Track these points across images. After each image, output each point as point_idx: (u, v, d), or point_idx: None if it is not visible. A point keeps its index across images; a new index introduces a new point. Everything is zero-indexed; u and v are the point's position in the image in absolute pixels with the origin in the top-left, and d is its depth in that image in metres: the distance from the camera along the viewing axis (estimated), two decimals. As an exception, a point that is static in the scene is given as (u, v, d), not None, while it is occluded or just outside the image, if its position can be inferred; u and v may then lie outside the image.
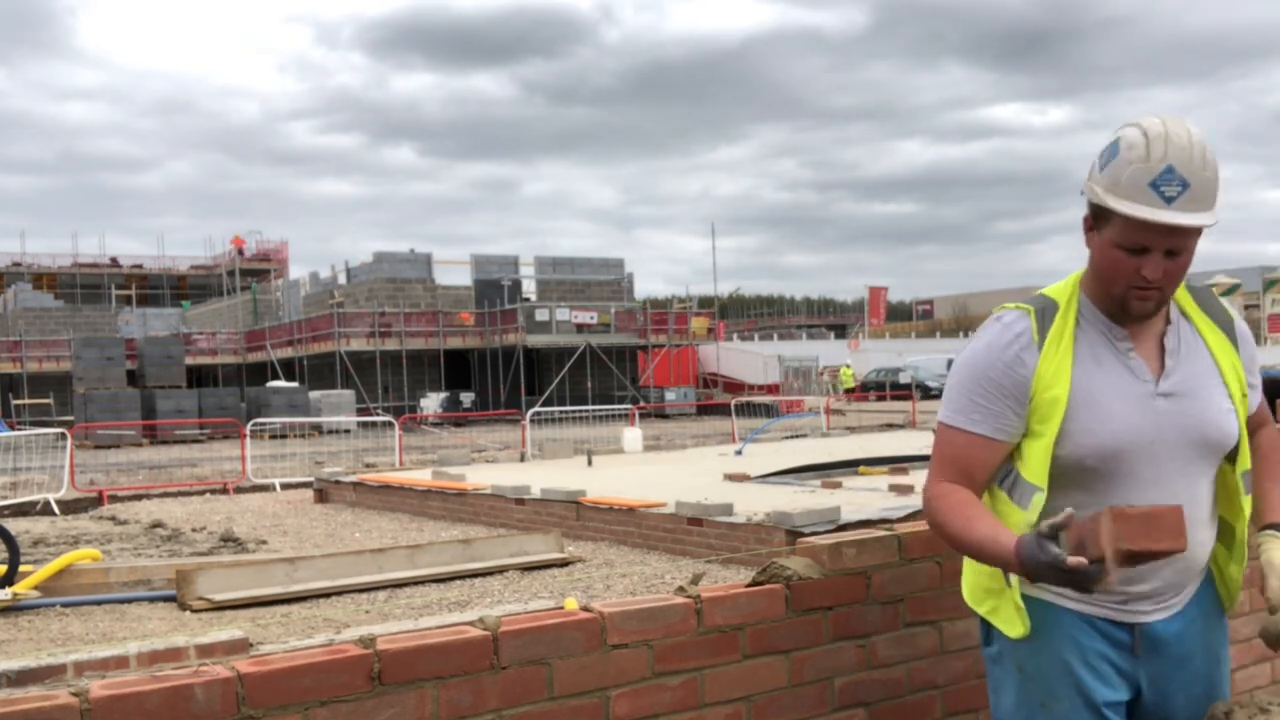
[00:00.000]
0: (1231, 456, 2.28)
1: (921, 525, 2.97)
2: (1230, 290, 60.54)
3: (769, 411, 29.99)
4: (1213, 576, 2.35)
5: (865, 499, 9.76)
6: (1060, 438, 2.17)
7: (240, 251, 69.84)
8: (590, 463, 15.50)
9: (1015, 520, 2.22)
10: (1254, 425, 2.39)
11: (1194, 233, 2.10)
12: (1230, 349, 2.29)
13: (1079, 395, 2.18)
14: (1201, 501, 2.23)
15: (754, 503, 9.74)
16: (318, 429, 30.04)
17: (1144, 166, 2.07)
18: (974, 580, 2.39)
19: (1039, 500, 2.20)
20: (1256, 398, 2.38)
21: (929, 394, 41.11)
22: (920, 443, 16.16)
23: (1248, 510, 2.32)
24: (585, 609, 2.41)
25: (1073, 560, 1.92)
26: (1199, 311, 2.29)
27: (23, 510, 14.30)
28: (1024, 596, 2.24)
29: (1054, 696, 2.23)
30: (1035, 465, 2.20)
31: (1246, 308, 61.93)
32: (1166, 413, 2.19)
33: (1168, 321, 2.26)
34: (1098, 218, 2.16)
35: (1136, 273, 2.12)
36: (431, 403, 40.53)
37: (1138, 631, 2.22)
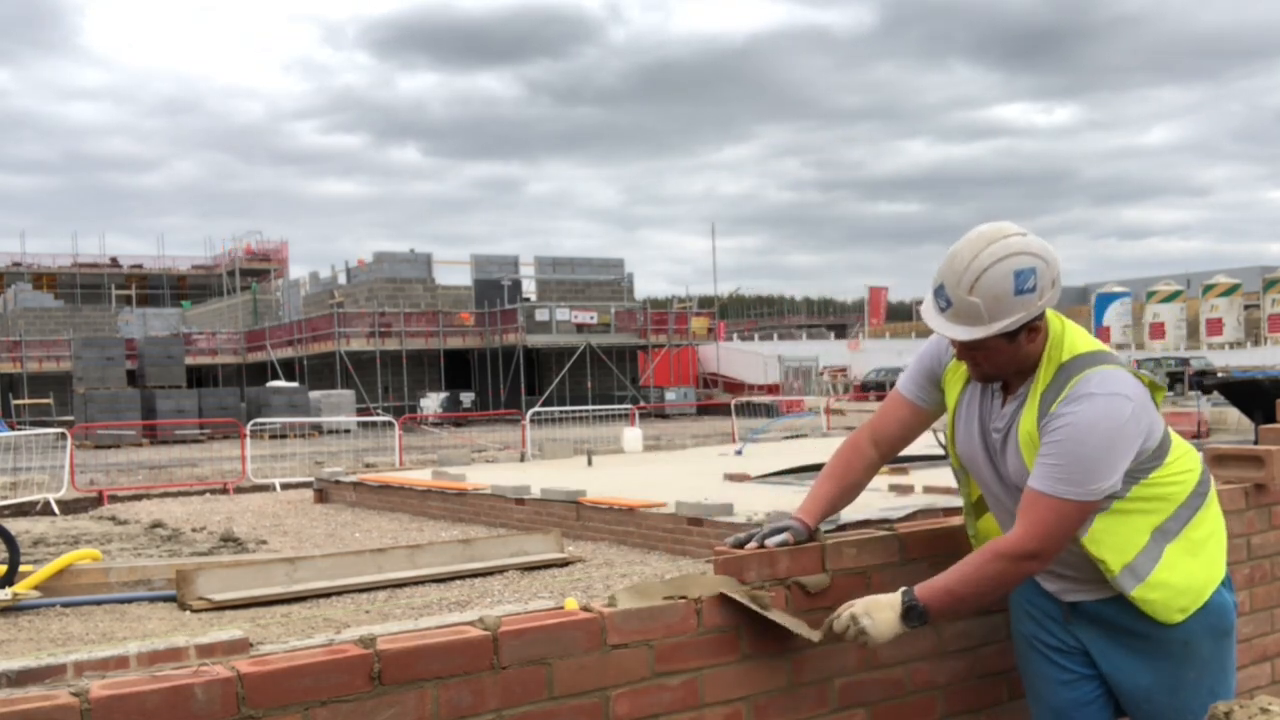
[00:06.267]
0: None
1: (921, 525, 2.97)
2: (1230, 290, 60.60)
3: (769, 411, 30.00)
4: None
5: (865, 499, 9.69)
6: (951, 436, 2.77)
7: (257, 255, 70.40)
8: (590, 463, 15.51)
9: (968, 492, 2.81)
10: (1020, 509, 2.50)
11: (976, 340, 2.47)
12: (1034, 429, 2.52)
13: (959, 409, 2.71)
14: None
15: (754, 503, 9.75)
16: (318, 429, 30.04)
17: (935, 276, 2.52)
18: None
19: (964, 478, 2.80)
20: (1034, 478, 2.48)
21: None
22: (920, 443, 16.13)
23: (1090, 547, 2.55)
24: (585, 609, 2.41)
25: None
26: (1039, 391, 2.53)
27: (23, 510, 14.30)
28: None
29: (1014, 644, 2.86)
30: (951, 453, 2.79)
31: (1246, 308, 61.89)
32: (992, 447, 2.64)
33: (1025, 385, 2.58)
34: None
35: (957, 352, 2.60)
36: (431, 403, 40.51)
37: (1066, 605, 2.67)
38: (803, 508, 2.77)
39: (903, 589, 2.50)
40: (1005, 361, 2.54)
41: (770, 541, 2.63)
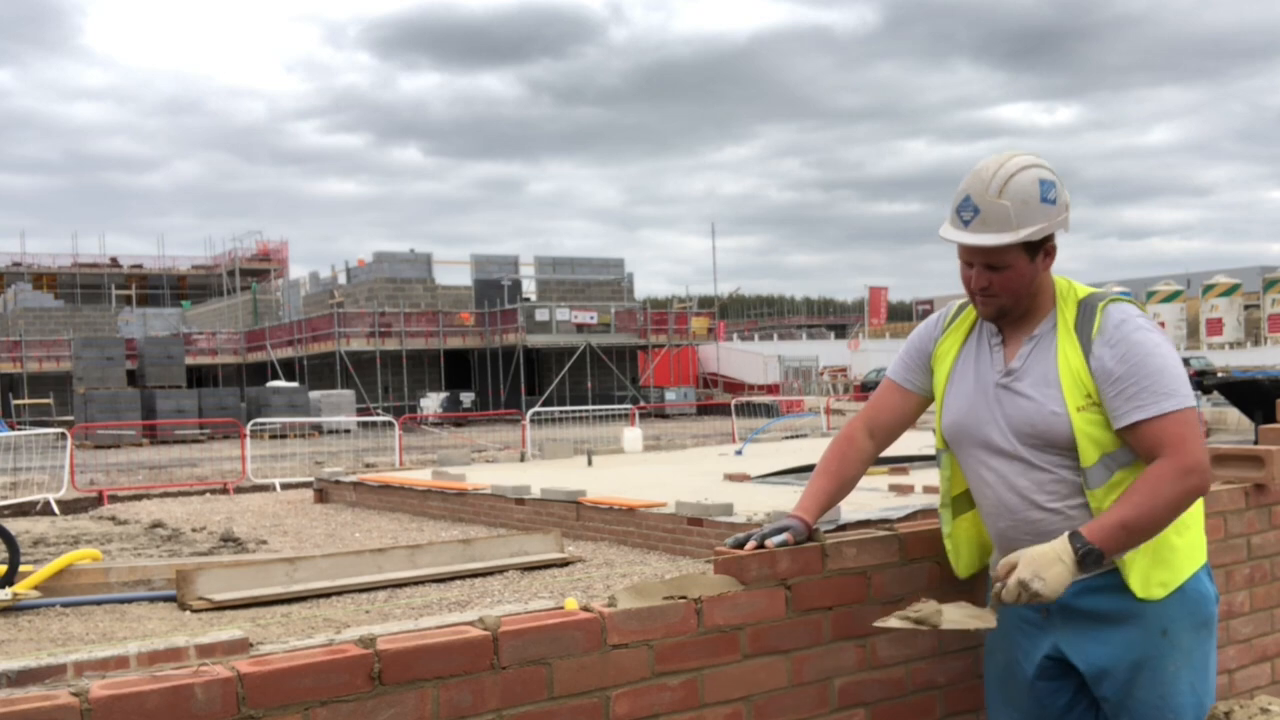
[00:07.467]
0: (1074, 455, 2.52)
1: (921, 525, 2.97)
2: (1230, 290, 60.58)
3: (769, 411, 30.00)
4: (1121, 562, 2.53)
5: (865, 499, 9.75)
6: (940, 411, 2.72)
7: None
8: (590, 463, 15.50)
9: (948, 487, 2.77)
10: (1149, 446, 2.44)
11: (1001, 251, 2.47)
12: (1081, 362, 2.51)
13: (952, 378, 2.70)
14: (1029, 482, 2.55)
15: (754, 503, 9.74)
16: (318, 429, 30.03)
17: (956, 194, 2.53)
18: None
19: (947, 459, 2.75)
20: (1130, 408, 2.44)
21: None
22: (920, 442, 16.07)
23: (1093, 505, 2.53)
24: (585, 609, 2.41)
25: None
26: (1070, 324, 2.54)
27: (23, 510, 14.29)
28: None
29: (991, 651, 2.78)
30: (938, 431, 2.74)
31: (1246, 308, 61.87)
32: (1001, 401, 2.58)
33: (1040, 326, 2.57)
34: None
35: (971, 282, 2.55)
36: (431, 403, 40.51)
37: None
38: (800, 505, 2.76)
39: (1067, 534, 2.38)
40: (1022, 287, 2.53)
41: (770, 541, 2.63)
